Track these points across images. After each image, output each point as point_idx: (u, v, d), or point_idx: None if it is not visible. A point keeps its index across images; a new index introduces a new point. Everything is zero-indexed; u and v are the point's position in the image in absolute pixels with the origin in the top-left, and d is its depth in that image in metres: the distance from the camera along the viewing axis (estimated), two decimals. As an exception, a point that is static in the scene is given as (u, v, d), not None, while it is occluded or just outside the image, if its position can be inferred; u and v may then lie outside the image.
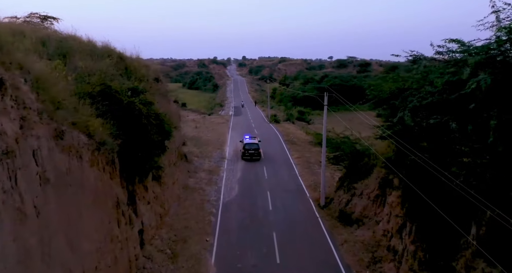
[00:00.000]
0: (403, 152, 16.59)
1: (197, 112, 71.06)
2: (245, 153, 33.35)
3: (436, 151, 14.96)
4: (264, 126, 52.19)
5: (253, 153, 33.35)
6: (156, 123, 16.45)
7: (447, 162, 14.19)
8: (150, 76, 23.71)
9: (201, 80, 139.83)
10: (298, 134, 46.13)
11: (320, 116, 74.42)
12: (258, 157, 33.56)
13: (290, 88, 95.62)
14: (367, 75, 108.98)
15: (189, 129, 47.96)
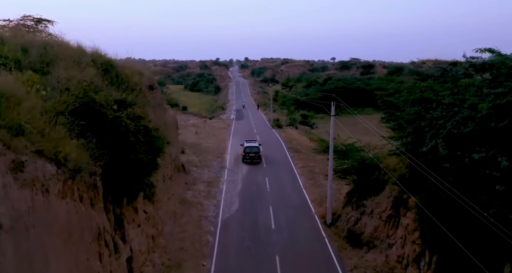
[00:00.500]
0: (420, 171, 14.84)
1: (198, 116, 69.37)
2: (246, 156, 33.67)
3: (461, 173, 13.16)
4: (266, 132, 50.43)
5: (254, 156, 33.58)
6: (145, 140, 14.72)
7: (476, 188, 12.40)
8: (144, 84, 22.03)
9: (203, 82, 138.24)
10: (301, 141, 44.35)
11: (323, 120, 72.61)
12: (259, 160, 33.76)
13: (293, 91, 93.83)
14: (370, 77, 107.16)
15: (189, 135, 46.31)
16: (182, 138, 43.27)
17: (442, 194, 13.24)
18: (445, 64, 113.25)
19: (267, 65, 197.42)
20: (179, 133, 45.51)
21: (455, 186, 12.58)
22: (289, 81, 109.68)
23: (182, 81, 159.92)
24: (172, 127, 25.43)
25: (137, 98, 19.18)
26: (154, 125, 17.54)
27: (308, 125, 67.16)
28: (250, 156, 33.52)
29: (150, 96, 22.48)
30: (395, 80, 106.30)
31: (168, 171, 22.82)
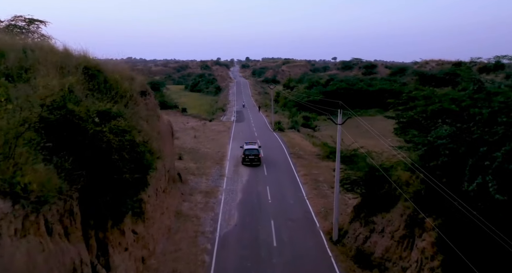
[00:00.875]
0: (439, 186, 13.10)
1: (198, 118, 67.69)
2: (245, 158, 33.78)
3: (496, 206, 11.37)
4: (267, 135, 48.73)
5: (253, 158, 33.67)
6: (131, 157, 13.05)
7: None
8: (135, 90, 20.35)
9: (204, 82, 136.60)
10: (304, 145, 42.63)
11: (326, 122, 70.97)
12: (258, 162, 33.84)
13: (294, 92, 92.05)
14: (373, 78, 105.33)
15: (188, 139, 44.64)
16: (180, 143, 41.65)
17: (468, 221, 11.55)
18: (449, 64, 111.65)
19: (268, 65, 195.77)
20: (177, 137, 43.95)
21: (484, 214, 10.88)
22: (290, 81, 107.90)
23: (183, 81, 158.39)
24: (166, 135, 23.78)
25: (126, 106, 17.58)
26: (145, 137, 15.88)
27: (310, 128, 65.44)
28: (250, 159, 33.58)
29: (142, 103, 20.81)
30: (398, 81, 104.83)
31: (162, 183, 21.15)
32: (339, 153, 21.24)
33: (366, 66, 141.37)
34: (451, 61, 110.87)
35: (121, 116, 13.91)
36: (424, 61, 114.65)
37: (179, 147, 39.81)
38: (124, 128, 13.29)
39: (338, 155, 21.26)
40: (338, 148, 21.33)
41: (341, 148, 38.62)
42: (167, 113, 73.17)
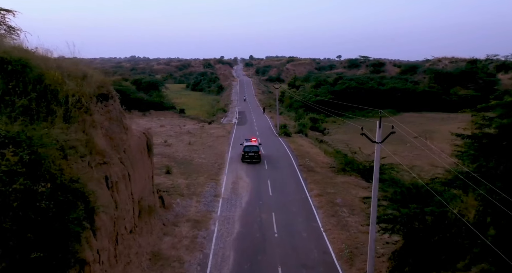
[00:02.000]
0: None
1: (196, 120, 61.77)
2: (245, 155, 33.06)
3: None
4: (272, 141, 42.66)
5: (253, 155, 32.99)
6: (36, 219, 7.12)
7: None
8: (89, 93, 14.39)
9: (205, 81, 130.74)
10: (314, 154, 36.55)
11: (335, 124, 64.73)
12: (258, 159, 33.13)
13: (301, 91, 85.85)
14: (383, 76, 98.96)
15: (181, 146, 38.69)
16: (172, 151, 35.80)
17: None
18: (463, 62, 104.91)
19: (272, 64, 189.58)
20: (169, 144, 38.02)
21: None
22: (296, 80, 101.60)
23: (185, 80, 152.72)
24: (138, 152, 17.76)
25: (68, 119, 11.81)
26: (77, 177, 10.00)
27: (318, 131, 59.34)
28: (250, 155, 32.90)
29: (98, 111, 14.84)
30: (409, 79, 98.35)
31: (127, 222, 15.17)
32: (376, 182, 15.03)
33: (374, 64, 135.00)
34: (465, 58, 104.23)
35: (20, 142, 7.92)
36: (436, 58, 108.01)
37: (170, 157, 33.94)
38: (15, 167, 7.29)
39: (375, 184, 15.03)
40: (376, 177, 15.10)
41: (360, 160, 32.41)
42: (163, 114, 67.43)
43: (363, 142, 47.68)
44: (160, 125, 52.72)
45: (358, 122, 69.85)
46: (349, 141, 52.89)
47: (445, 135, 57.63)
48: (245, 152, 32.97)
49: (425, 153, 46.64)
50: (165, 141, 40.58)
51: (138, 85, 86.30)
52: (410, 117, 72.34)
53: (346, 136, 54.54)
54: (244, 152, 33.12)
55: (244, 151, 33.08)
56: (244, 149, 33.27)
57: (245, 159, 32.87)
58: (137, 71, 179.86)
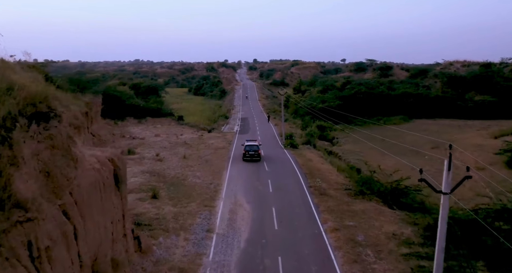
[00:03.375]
0: None
1: (195, 128, 57.05)
2: (246, 154, 34.49)
3: None
4: (277, 155, 37.79)
5: (253, 154, 34.42)
6: None
7: None
8: (15, 112, 9.60)
9: (208, 85, 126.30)
10: (325, 171, 31.64)
11: (344, 132, 59.74)
12: (258, 158, 34.56)
13: (307, 96, 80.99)
14: (392, 81, 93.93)
15: (174, 161, 33.91)
16: (163, 168, 31.08)
17: None
18: (476, 66, 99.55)
19: (276, 67, 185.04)
20: (161, 159, 33.26)
21: None
22: (301, 84, 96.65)
23: (187, 83, 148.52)
24: (97, 191, 12.92)
25: None
26: None
27: (327, 140, 54.41)
28: (250, 154, 34.34)
29: (36, 136, 10.07)
30: (420, 84, 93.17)
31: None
32: (441, 254, 10.02)
33: (381, 67, 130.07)
34: (478, 62, 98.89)
35: None
36: (447, 62, 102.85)
37: (160, 175, 29.19)
38: None
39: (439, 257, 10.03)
40: (441, 247, 10.08)
41: (380, 178, 27.39)
42: (160, 121, 62.74)
43: (376, 155, 42.74)
44: (155, 134, 48.01)
45: (366, 130, 64.84)
46: (362, 152, 48.06)
47: (466, 145, 52.31)
48: (246, 151, 34.37)
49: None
50: (157, 155, 35.83)
51: (136, 90, 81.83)
52: (424, 124, 67.20)
53: (357, 146, 49.62)
54: (245, 151, 34.55)
55: (245, 150, 34.50)
56: (245, 148, 34.67)
57: (246, 158, 34.35)
58: (140, 75, 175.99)
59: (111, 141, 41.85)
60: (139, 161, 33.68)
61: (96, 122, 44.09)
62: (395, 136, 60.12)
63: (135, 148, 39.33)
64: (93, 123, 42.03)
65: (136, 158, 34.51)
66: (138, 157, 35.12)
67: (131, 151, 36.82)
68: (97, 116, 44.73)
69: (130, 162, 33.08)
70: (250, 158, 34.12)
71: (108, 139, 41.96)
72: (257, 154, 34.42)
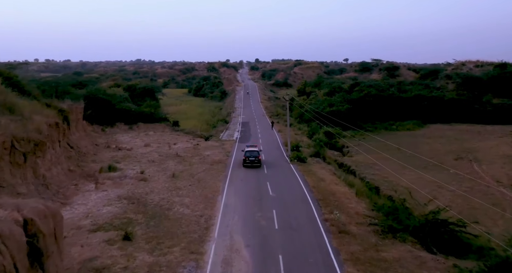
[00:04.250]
0: None
1: (191, 135, 51.44)
2: (246, 160, 33.67)
3: None
4: (283, 172, 32.01)
5: (253, 160, 33.61)
6: None
7: None
8: None
9: (208, 86, 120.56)
10: (342, 196, 25.87)
11: (354, 139, 53.86)
12: (259, 164, 33.69)
13: (312, 98, 75.18)
14: (401, 82, 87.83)
15: (161, 181, 28.30)
16: (146, 191, 25.56)
17: None
18: (489, 66, 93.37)
19: (278, 67, 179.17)
20: (145, 179, 27.65)
21: None
22: (306, 86, 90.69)
23: (187, 84, 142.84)
24: None
25: None
26: None
27: (337, 149, 48.65)
28: (250, 160, 33.62)
29: None
30: (431, 85, 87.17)
31: None
32: None
33: (388, 68, 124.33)
34: (492, 62, 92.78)
35: None
36: (459, 62, 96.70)
37: (140, 203, 23.59)
38: None
39: None
40: None
41: (409, 206, 21.83)
42: (154, 127, 56.97)
43: (394, 167, 36.94)
44: (145, 144, 42.38)
45: (379, 135, 58.95)
46: (377, 165, 42.36)
47: (492, 156, 46.05)
48: (246, 157, 33.62)
49: (480, 186, 35.94)
50: (142, 172, 30.23)
51: (132, 92, 76.37)
52: (439, 129, 61.30)
53: (368, 157, 43.78)
54: (245, 157, 33.74)
55: (246, 156, 33.70)
56: (245, 154, 33.83)
57: (246, 164, 33.55)
58: (140, 75, 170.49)
59: (92, 153, 36.28)
60: (119, 181, 28.08)
61: (77, 131, 38.53)
62: (411, 144, 54.36)
63: (119, 162, 33.75)
64: (71, 133, 36.48)
65: (116, 177, 28.92)
66: (119, 175, 29.52)
67: (112, 167, 31.21)
68: (78, 124, 39.15)
69: (108, 182, 27.55)
70: (251, 164, 33.30)
71: (88, 151, 36.40)
72: (258, 160, 33.61)
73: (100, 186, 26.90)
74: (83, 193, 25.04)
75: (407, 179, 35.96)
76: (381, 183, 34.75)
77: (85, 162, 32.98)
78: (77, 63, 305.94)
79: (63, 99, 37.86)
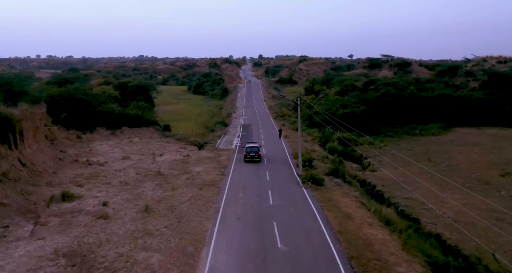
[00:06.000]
0: None
1: (183, 142, 43.29)
2: (247, 155, 33.97)
3: None
4: (294, 202, 23.36)
5: (254, 155, 33.90)
6: None
7: None
8: None
9: (209, 83, 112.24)
10: (381, 246, 17.51)
11: (373, 147, 45.43)
12: (259, 159, 34.06)
13: (322, 98, 66.60)
14: (417, 79, 78.89)
15: (126, 220, 20.17)
16: (99, 241, 17.56)
17: None
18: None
19: (282, 63, 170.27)
20: (103, 216, 19.30)
21: None
22: (314, 83, 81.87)
23: (188, 81, 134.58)
24: None
25: None
26: None
27: (354, 160, 40.30)
28: (251, 155, 33.87)
29: None
30: (450, 82, 78.41)
31: None
32: None
33: (399, 64, 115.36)
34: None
35: None
36: (480, 58, 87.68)
37: (83, 265, 15.40)
38: None
39: None
40: None
41: None
42: (140, 132, 48.55)
43: (428, 183, 28.58)
44: (123, 156, 34.21)
45: (400, 140, 50.33)
46: (406, 181, 34.12)
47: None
48: (247, 152, 34.08)
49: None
50: (105, 204, 22.07)
51: (123, 90, 68.26)
52: (468, 134, 52.57)
53: (397, 171, 35.40)
54: (246, 152, 34.17)
55: (246, 152, 34.16)
56: (246, 150, 34.35)
57: (247, 159, 33.94)
58: (140, 71, 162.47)
59: (51, 172, 28.17)
60: (69, 219, 19.96)
61: (36, 142, 30.37)
62: (441, 153, 45.50)
63: (81, 185, 25.65)
64: (26, 146, 28.37)
65: (68, 212, 20.80)
66: (73, 208, 21.40)
67: (67, 195, 23.08)
68: (38, 134, 30.96)
69: (53, 222, 19.54)
70: (251, 159, 33.89)
71: (47, 169, 28.28)
72: (258, 155, 34.20)
73: (40, 229, 18.80)
74: (7, 245, 16.93)
75: (451, 205, 27.79)
76: (419, 211, 26.48)
77: (37, 185, 24.89)
78: (79, 59, 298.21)
79: (16, 103, 29.76)
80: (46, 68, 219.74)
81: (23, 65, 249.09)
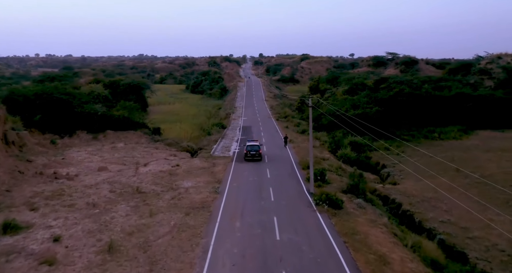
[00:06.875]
0: None
1: (174, 149, 37.64)
2: (247, 154, 33.08)
3: None
4: (307, 237, 17.62)
5: (254, 154, 32.98)
6: None
7: None
8: None
9: (207, 82, 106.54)
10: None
11: (389, 153, 39.60)
12: (259, 157, 33.02)
13: (329, 97, 60.83)
14: (429, 77, 73.04)
15: (77, 267, 14.31)
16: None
17: None
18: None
19: (284, 62, 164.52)
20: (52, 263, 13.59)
21: None
22: (320, 82, 75.92)
23: (186, 79, 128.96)
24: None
25: None
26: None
27: (371, 170, 34.59)
28: (252, 154, 32.96)
29: None
30: (464, 81, 72.75)
31: None
32: None
33: (405, 62, 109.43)
34: (534, 54, 78.05)
35: None
36: (493, 55, 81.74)
37: None
38: None
39: None
40: None
41: None
42: (126, 136, 42.42)
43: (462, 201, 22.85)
44: (99, 167, 28.51)
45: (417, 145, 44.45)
46: (438, 198, 28.44)
47: None
48: (248, 151, 33.12)
49: None
50: (56, 239, 16.39)
51: (114, 89, 62.53)
52: (492, 138, 46.77)
53: (423, 183, 29.64)
54: (246, 151, 33.22)
55: (247, 150, 33.19)
56: (247, 148, 33.38)
57: (248, 158, 32.97)
58: (138, 70, 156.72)
59: (4, 189, 22.48)
60: (1, 264, 14.30)
61: (-10, 152, 24.66)
62: (468, 160, 39.20)
63: (36, 209, 19.98)
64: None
65: (4, 253, 15.13)
66: (12, 246, 15.73)
67: (10, 226, 17.39)
68: (-8, 141, 25.27)
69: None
70: (252, 158, 32.84)
71: (0, 185, 22.59)
72: (258, 154, 33.14)
73: (-48, 284, 13.11)
74: None
75: (499, 233, 22.15)
76: (464, 241, 20.84)
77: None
78: (78, 58, 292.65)
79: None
80: (44, 66, 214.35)
81: (21, 63, 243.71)
